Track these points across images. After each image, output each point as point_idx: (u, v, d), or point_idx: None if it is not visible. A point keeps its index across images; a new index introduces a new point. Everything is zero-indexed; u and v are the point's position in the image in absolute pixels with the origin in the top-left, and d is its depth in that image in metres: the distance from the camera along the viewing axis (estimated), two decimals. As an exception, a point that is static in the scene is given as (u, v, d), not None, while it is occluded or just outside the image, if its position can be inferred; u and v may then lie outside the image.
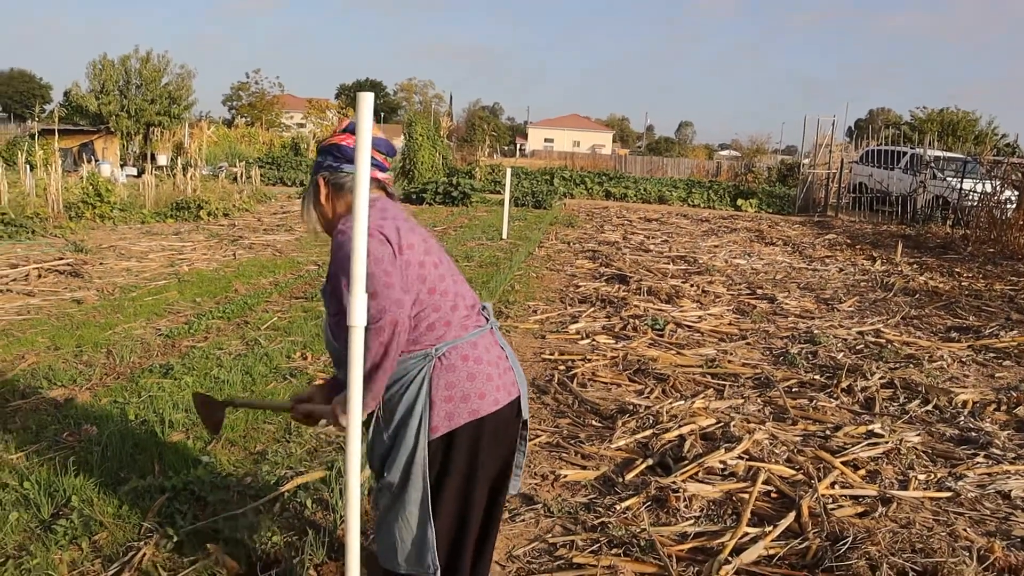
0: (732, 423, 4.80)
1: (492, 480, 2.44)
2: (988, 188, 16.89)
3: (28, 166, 15.93)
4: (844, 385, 5.81)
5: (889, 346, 7.18)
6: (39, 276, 8.33)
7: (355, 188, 2.04)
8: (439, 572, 2.31)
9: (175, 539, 3.13)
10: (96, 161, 22.32)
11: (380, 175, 2.43)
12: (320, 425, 2.74)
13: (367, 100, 2.04)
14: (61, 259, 9.01)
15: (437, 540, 2.30)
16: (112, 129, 28.57)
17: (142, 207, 14.82)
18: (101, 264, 9.35)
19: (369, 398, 2.21)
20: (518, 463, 2.51)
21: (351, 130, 2.35)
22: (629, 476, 4.11)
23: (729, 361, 6.42)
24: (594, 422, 4.97)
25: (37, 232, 11.27)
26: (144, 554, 3.03)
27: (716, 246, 14.40)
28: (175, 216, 14.33)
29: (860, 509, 3.87)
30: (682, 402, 5.24)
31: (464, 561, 2.40)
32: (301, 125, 57.80)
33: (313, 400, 2.61)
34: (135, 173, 23.58)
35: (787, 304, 9.03)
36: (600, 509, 3.73)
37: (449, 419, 2.25)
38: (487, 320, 2.44)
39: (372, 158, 2.34)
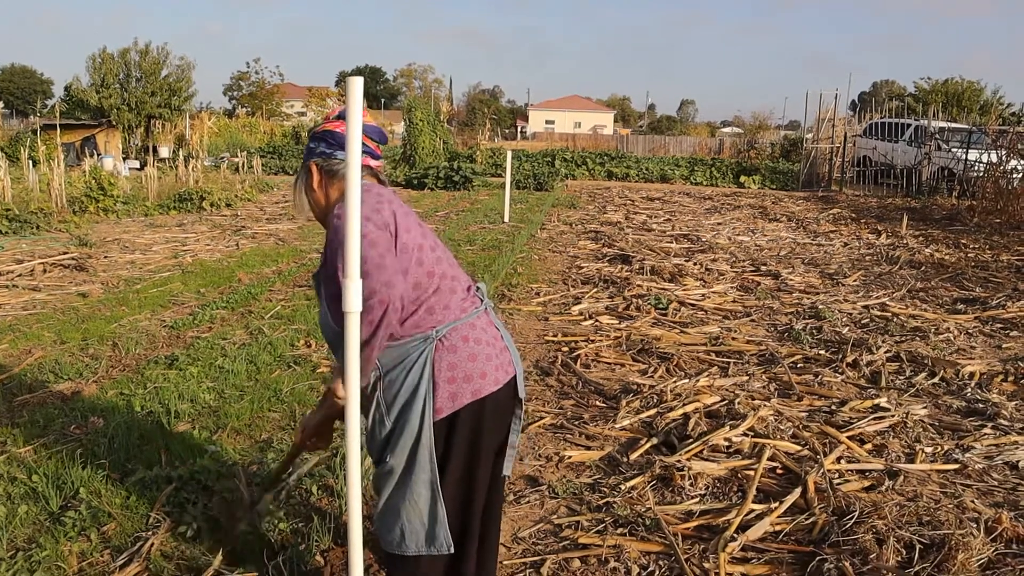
0: (737, 400, 4.79)
1: (493, 460, 2.45)
2: (994, 158, 16.78)
3: (31, 161, 15.92)
4: (850, 360, 5.80)
5: (895, 319, 7.17)
6: (44, 271, 8.36)
7: (347, 173, 2.03)
8: (452, 548, 2.32)
9: (188, 529, 3.14)
10: (98, 155, 22.31)
11: (372, 163, 2.44)
12: (329, 438, 2.75)
13: (356, 85, 2.03)
14: (65, 253, 9.03)
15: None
16: (113, 122, 28.57)
17: (145, 200, 14.82)
18: (105, 257, 9.36)
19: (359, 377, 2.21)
20: (512, 443, 2.51)
21: (344, 116, 2.34)
22: (634, 456, 4.12)
23: (733, 338, 6.41)
24: (598, 402, 4.97)
25: (41, 227, 11.29)
26: (152, 544, 3.05)
27: (719, 224, 14.36)
28: (178, 208, 14.34)
29: (867, 483, 3.87)
30: (686, 380, 5.24)
31: (471, 541, 2.41)
32: (302, 114, 57.72)
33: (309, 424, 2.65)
34: (137, 166, 23.57)
35: (791, 280, 9.00)
36: (605, 489, 3.74)
37: (453, 400, 2.26)
38: (481, 301, 2.44)
39: (364, 145, 2.36)
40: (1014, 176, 15.89)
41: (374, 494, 2.40)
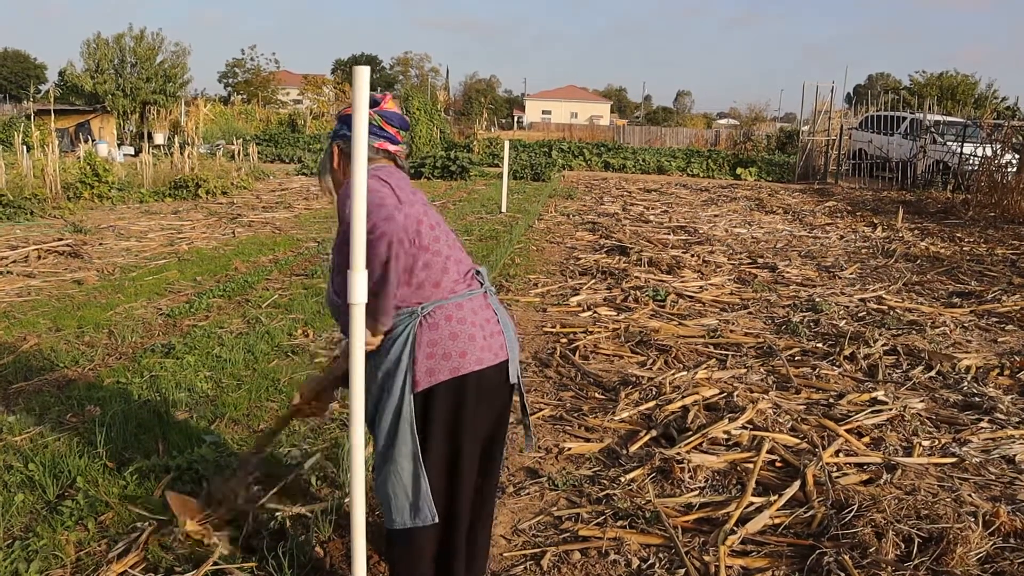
0: (735, 393, 4.79)
1: (482, 443, 2.48)
2: (988, 152, 16.78)
3: (25, 147, 15.82)
4: (847, 353, 5.80)
5: (891, 313, 7.17)
6: (39, 257, 8.31)
7: (353, 160, 2.04)
8: (437, 518, 2.36)
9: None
10: (93, 141, 22.16)
11: (391, 147, 2.49)
12: (327, 403, 2.77)
13: (363, 74, 2.01)
14: (60, 240, 8.98)
15: (432, 495, 2.35)
16: (108, 108, 28.38)
17: (140, 186, 14.75)
18: (100, 244, 9.32)
19: (381, 321, 2.28)
20: (526, 424, 2.58)
21: (372, 102, 2.43)
22: (633, 448, 4.11)
23: (731, 331, 6.41)
24: (597, 394, 4.96)
25: (36, 213, 11.23)
26: (150, 534, 3.03)
27: (716, 215, 14.35)
28: (173, 195, 14.27)
29: (865, 477, 3.88)
30: (685, 373, 5.24)
31: (460, 518, 2.44)
32: (298, 101, 57.44)
33: (308, 387, 2.71)
34: (132, 152, 23.46)
35: (788, 272, 9.00)
36: (605, 481, 3.74)
37: (430, 375, 2.31)
38: (481, 284, 2.47)
39: (383, 131, 2.45)
40: (1008, 170, 15.90)
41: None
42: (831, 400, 4.91)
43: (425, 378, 2.31)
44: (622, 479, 3.74)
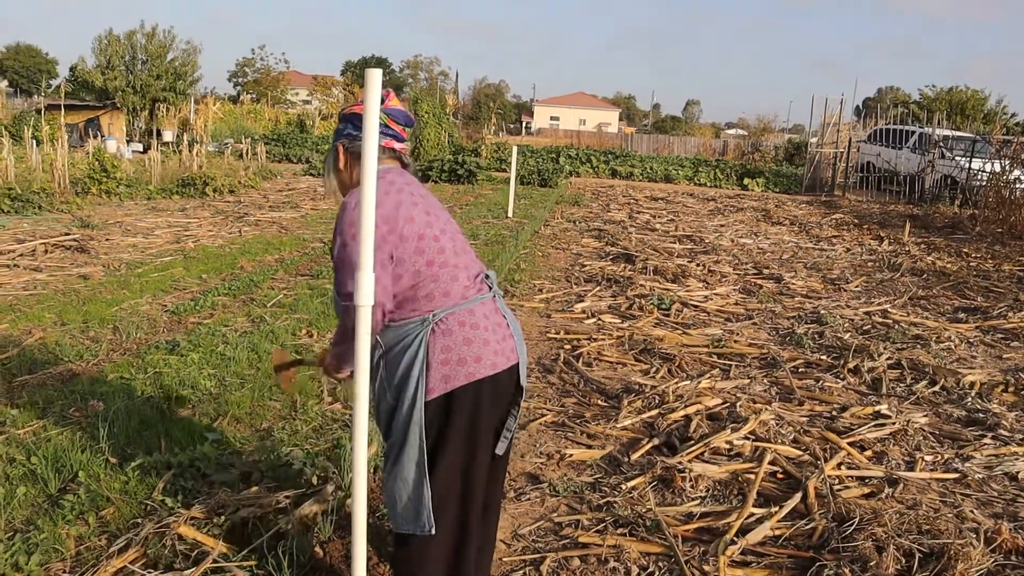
0: (738, 403, 4.79)
1: (492, 443, 2.48)
2: (997, 168, 16.75)
3: (34, 141, 15.89)
4: (851, 366, 5.79)
5: (896, 327, 7.16)
6: (46, 251, 8.33)
7: (362, 162, 2.04)
8: (434, 530, 2.35)
9: (187, 517, 3.13)
10: (102, 137, 22.23)
11: (396, 145, 2.49)
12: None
13: (375, 77, 2.01)
14: (67, 235, 9.01)
15: (444, 500, 2.35)
16: (118, 105, 28.48)
17: (148, 183, 14.79)
18: (107, 240, 9.34)
19: (339, 362, 2.51)
20: (509, 427, 2.53)
21: None
22: (635, 456, 4.11)
23: (735, 341, 6.40)
24: (600, 401, 4.96)
25: (43, 207, 11.27)
26: (150, 530, 3.03)
27: (722, 225, 14.34)
28: (181, 192, 14.31)
29: (867, 490, 3.87)
30: (688, 382, 5.23)
31: (472, 521, 2.43)
32: (307, 102, 57.57)
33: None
34: (141, 149, 23.53)
35: (794, 284, 8.99)
36: (606, 489, 3.74)
37: (445, 381, 2.30)
38: (490, 288, 2.47)
39: (388, 128, 2.45)
40: (1017, 186, 15.85)
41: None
42: (834, 413, 4.90)
43: (440, 384, 2.30)
44: (623, 487, 3.73)
